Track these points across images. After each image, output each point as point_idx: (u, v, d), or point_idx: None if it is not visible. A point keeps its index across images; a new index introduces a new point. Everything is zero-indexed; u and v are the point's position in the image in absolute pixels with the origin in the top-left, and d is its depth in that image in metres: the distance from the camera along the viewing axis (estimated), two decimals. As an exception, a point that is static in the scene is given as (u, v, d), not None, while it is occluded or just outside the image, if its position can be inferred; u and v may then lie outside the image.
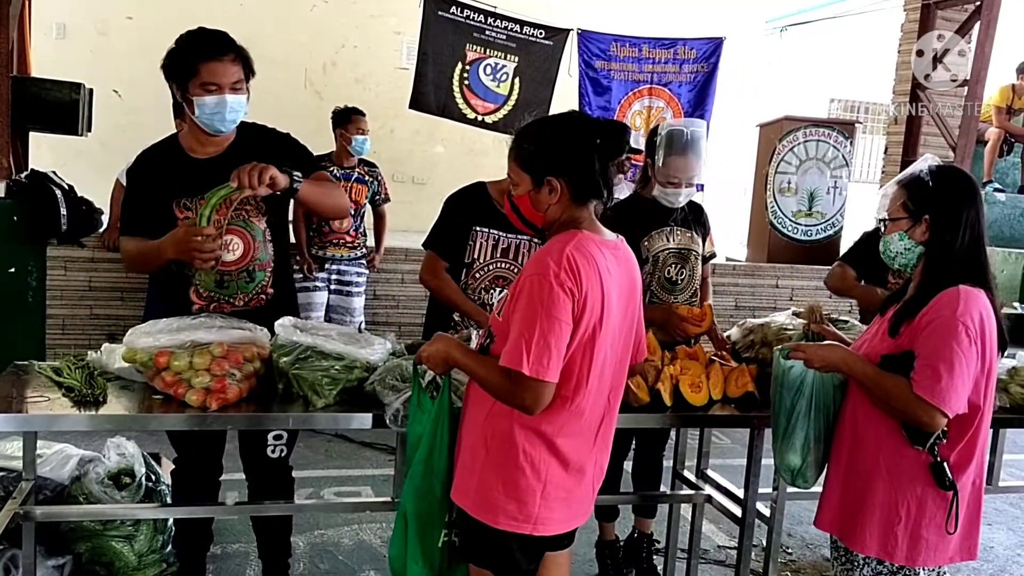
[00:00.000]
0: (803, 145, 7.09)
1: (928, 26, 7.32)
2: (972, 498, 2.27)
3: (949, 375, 2.08)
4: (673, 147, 3.27)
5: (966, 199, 2.23)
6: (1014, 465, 5.10)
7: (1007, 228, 8.94)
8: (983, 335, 2.13)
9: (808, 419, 2.39)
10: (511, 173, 2.15)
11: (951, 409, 2.09)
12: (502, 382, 1.99)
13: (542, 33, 6.73)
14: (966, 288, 2.16)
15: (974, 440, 2.23)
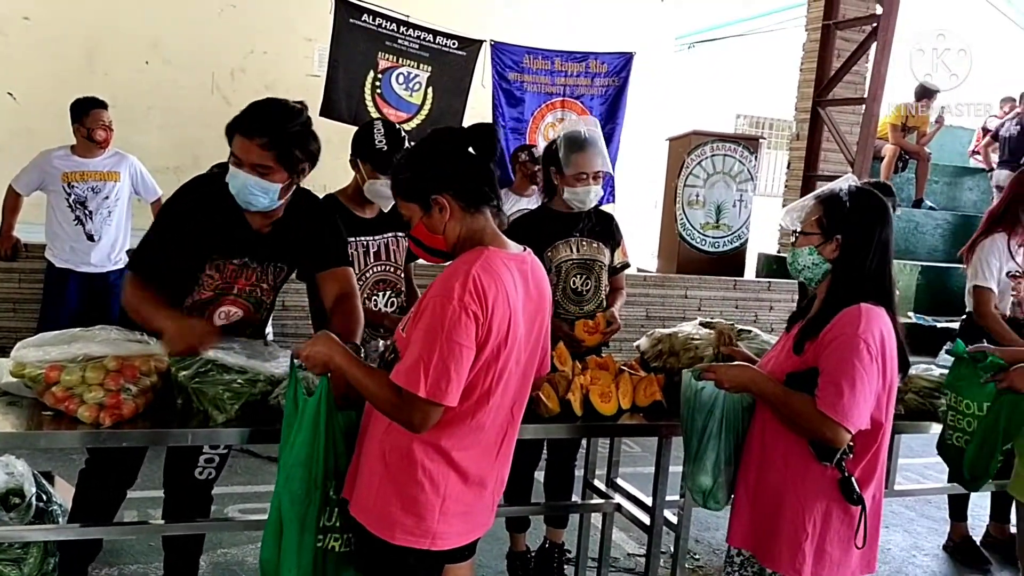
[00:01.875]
0: (710, 159, 7.28)
1: (828, 46, 7.62)
2: (872, 512, 2.30)
3: (851, 391, 2.11)
4: (573, 145, 3.33)
5: (880, 222, 2.26)
6: (909, 469, 5.31)
7: (902, 241, 9.33)
8: (884, 353, 2.16)
9: (719, 440, 2.41)
10: (401, 209, 2.12)
11: (853, 425, 2.12)
12: (391, 398, 1.95)
13: (455, 43, 6.73)
14: (868, 306, 2.18)
15: (877, 455, 2.26)
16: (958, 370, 2.91)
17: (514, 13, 9.30)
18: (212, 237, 2.61)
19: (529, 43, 7.08)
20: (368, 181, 3.15)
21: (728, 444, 2.41)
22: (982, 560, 4.16)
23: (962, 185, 10.42)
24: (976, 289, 3.94)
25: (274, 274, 2.77)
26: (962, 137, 10.25)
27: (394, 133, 3.19)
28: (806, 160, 7.77)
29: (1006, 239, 3.94)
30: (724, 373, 2.33)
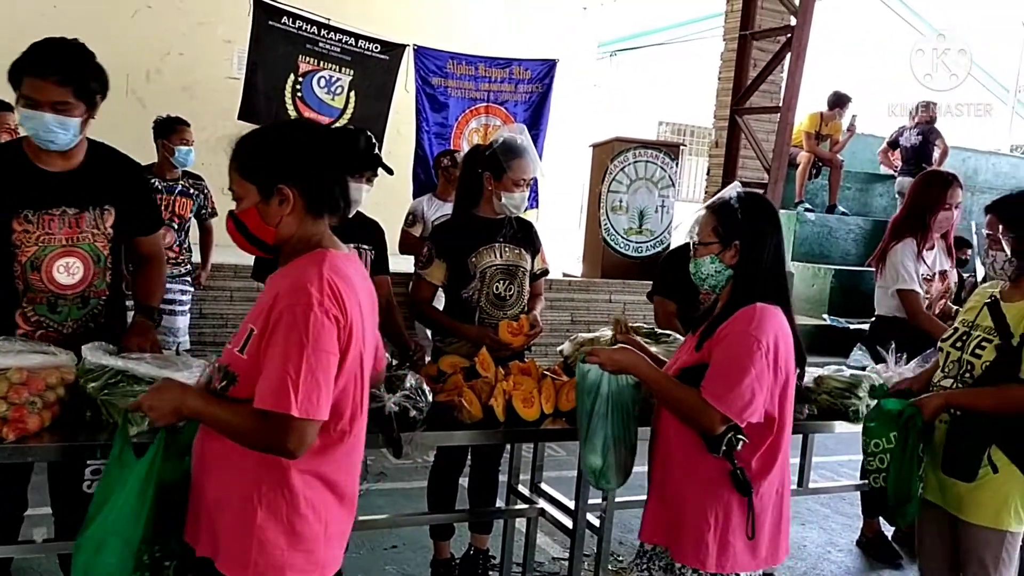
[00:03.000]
0: (633, 165, 7.38)
1: (745, 56, 7.81)
2: (776, 504, 2.34)
3: (737, 383, 2.17)
4: (513, 151, 3.36)
5: (771, 225, 2.36)
6: (824, 467, 5.47)
7: (816, 245, 9.63)
8: (776, 349, 2.22)
9: (606, 420, 2.48)
10: (233, 186, 1.93)
11: (735, 414, 2.17)
12: (257, 426, 1.76)
13: (378, 47, 6.68)
14: (763, 305, 2.26)
15: (775, 448, 2.31)
16: (869, 415, 2.98)
17: (436, 19, 9.28)
18: (14, 192, 2.57)
19: (452, 49, 7.06)
20: None
21: (617, 424, 2.49)
22: (894, 555, 4.30)
23: (873, 191, 10.81)
24: (902, 293, 4.03)
25: (100, 219, 2.68)
26: (873, 145, 10.62)
27: (367, 138, 3.16)
28: (725, 167, 7.94)
29: (915, 243, 4.08)
30: (606, 356, 2.40)
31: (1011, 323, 2.65)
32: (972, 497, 2.68)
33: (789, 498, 2.41)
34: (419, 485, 4.14)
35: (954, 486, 2.72)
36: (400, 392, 2.58)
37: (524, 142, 3.41)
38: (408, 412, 2.56)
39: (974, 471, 2.64)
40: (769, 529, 2.34)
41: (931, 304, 4.08)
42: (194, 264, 5.39)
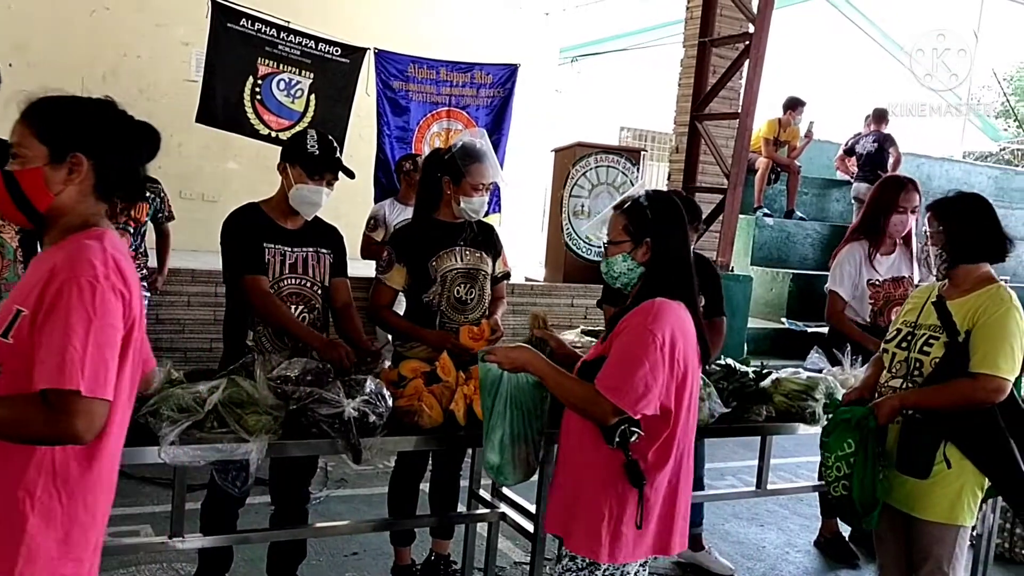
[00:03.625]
0: (594, 170, 7.41)
1: (704, 63, 7.88)
2: (668, 496, 2.38)
3: (630, 375, 2.20)
4: (473, 155, 3.37)
5: (678, 222, 2.43)
6: (783, 468, 5.54)
7: (774, 250, 9.75)
8: (673, 344, 2.26)
9: (504, 418, 2.54)
10: (19, 141, 1.76)
11: (627, 406, 2.20)
12: (37, 413, 1.58)
13: (338, 51, 6.63)
14: (662, 300, 2.31)
15: (670, 441, 2.34)
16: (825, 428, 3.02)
17: (397, 23, 9.26)
18: None
19: (414, 52, 7.04)
20: (295, 186, 3.09)
21: (516, 422, 2.55)
22: (851, 555, 4.36)
23: (830, 197, 10.97)
24: (829, 292, 4.20)
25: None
26: (830, 151, 10.79)
27: (327, 141, 3.18)
28: (685, 172, 7.99)
29: (865, 248, 4.15)
30: (503, 354, 2.44)
31: (957, 320, 2.74)
32: (926, 494, 2.74)
33: (687, 493, 2.45)
34: (380, 491, 4.11)
35: (905, 484, 2.77)
36: (359, 397, 2.56)
37: (484, 147, 3.42)
38: (367, 417, 2.55)
39: (928, 468, 2.71)
40: (659, 520, 2.37)
41: (880, 309, 4.14)
42: (150, 269, 5.31)
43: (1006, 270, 10.52)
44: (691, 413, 2.41)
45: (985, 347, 2.67)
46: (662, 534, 2.39)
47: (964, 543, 2.79)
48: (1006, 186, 13.36)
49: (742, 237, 9.04)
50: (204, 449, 2.39)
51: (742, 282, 7.54)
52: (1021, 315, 2.71)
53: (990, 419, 2.69)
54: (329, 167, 3.14)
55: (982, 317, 2.70)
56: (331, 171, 3.15)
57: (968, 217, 2.82)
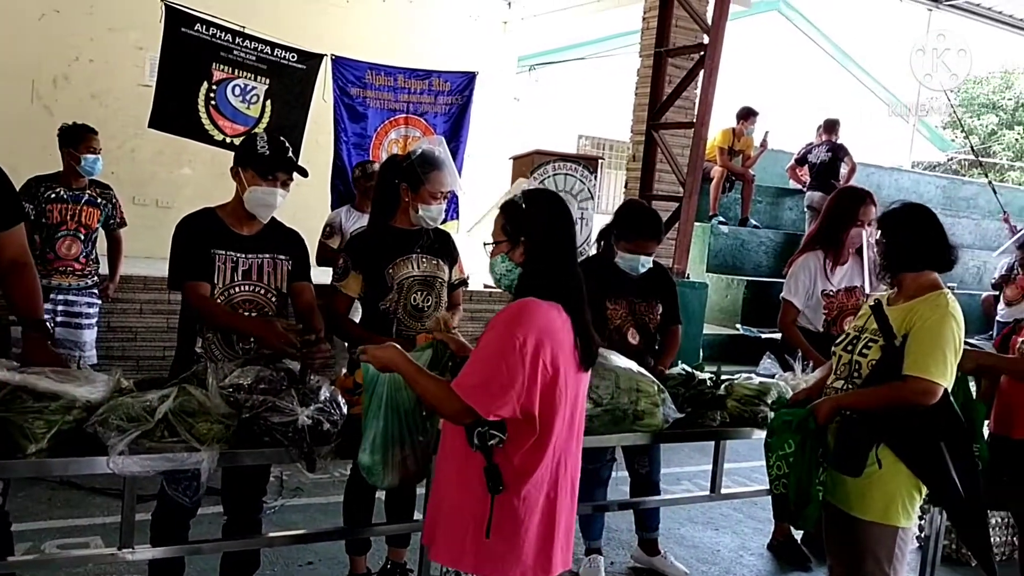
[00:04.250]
0: (553, 178, 7.45)
1: (660, 73, 7.97)
2: (546, 509, 2.27)
3: (486, 376, 2.13)
4: (432, 163, 3.37)
5: (558, 221, 2.33)
6: (737, 473, 5.61)
7: (729, 257, 9.88)
8: (538, 346, 2.15)
9: (378, 419, 2.51)
10: None
11: (480, 407, 2.12)
12: None
13: (295, 56, 6.59)
14: (530, 300, 2.22)
15: (540, 448, 2.23)
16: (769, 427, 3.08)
17: (354, 30, 9.22)
18: None
19: (371, 59, 7.02)
20: (249, 189, 3.06)
21: (391, 423, 2.51)
22: (803, 557, 4.43)
23: (783, 205, 11.15)
24: (782, 300, 4.26)
25: None
26: (783, 160, 10.96)
27: (278, 142, 3.14)
28: (642, 180, 8.06)
29: (821, 258, 4.22)
30: (372, 354, 2.37)
31: (894, 325, 2.82)
32: (861, 493, 2.82)
33: (569, 506, 2.35)
34: (335, 499, 4.08)
35: (845, 484, 2.85)
36: (314, 405, 2.55)
37: (442, 154, 3.42)
38: (322, 425, 2.54)
39: (860, 467, 2.78)
40: (537, 535, 2.26)
41: (833, 319, 4.21)
42: (101, 276, 5.23)
43: (953, 277, 10.75)
44: (570, 421, 2.31)
45: (917, 351, 2.74)
46: (542, 552, 2.26)
47: (906, 544, 2.86)
48: (953, 195, 13.70)
49: (698, 244, 9.14)
50: (154, 459, 2.36)
51: (698, 289, 7.63)
52: (957, 323, 2.78)
53: (922, 423, 2.76)
54: (281, 166, 3.09)
55: (918, 322, 2.78)
56: (283, 170, 3.10)
57: (911, 227, 2.90)
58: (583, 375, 2.35)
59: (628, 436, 3.24)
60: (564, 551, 2.33)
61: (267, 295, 3.14)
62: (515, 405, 2.14)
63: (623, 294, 3.82)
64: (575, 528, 2.49)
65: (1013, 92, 26.14)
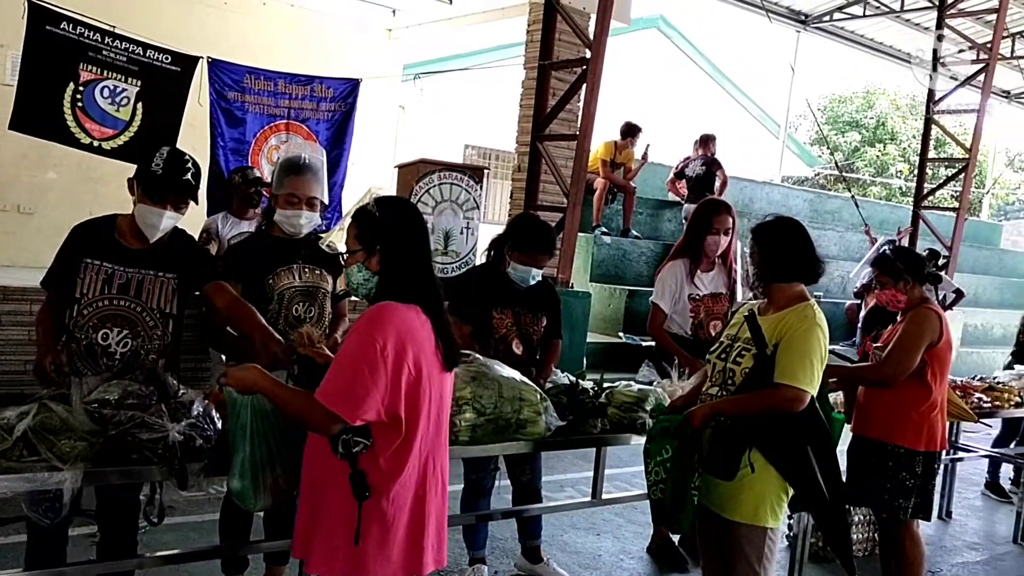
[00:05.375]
0: (438, 187, 7.43)
1: (545, 85, 8.09)
2: (414, 508, 2.29)
3: (348, 381, 2.14)
4: (289, 168, 3.33)
5: (411, 227, 2.37)
6: (618, 478, 5.72)
7: (612, 267, 10.09)
8: (400, 348, 2.18)
9: (245, 443, 2.46)
10: None
11: (346, 413, 2.13)
12: None
13: (168, 58, 6.36)
14: (388, 303, 2.26)
15: (406, 449, 2.25)
16: (648, 434, 3.18)
17: (232, 33, 8.98)
18: None
19: (251, 64, 6.85)
20: (138, 204, 2.91)
21: (258, 447, 2.47)
22: (681, 560, 4.55)
23: (663, 216, 11.48)
24: (651, 304, 4.48)
25: None
26: (663, 173, 11.28)
27: (177, 161, 2.91)
28: (527, 191, 8.15)
29: (687, 266, 4.44)
30: (232, 376, 2.33)
31: (766, 334, 2.95)
32: (733, 496, 2.93)
33: (439, 505, 2.38)
34: (211, 518, 3.94)
35: (718, 487, 2.95)
36: (185, 420, 2.46)
37: (308, 160, 3.35)
38: (194, 441, 2.45)
39: (733, 471, 2.89)
40: (406, 536, 2.28)
41: (700, 322, 4.42)
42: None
43: (819, 286, 11.32)
44: (437, 420, 2.34)
45: (787, 360, 2.88)
46: (412, 551, 2.30)
47: (775, 544, 2.99)
48: (820, 208, 14.43)
49: (581, 254, 9.30)
50: (12, 479, 2.24)
51: (581, 298, 7.76)
52: (823, 332, 2.95)
53: (790, 428, 2.90)
54: (172, 189, 2.89)
55: (788, 333, 2.92)
56: (174, 193, 2.91)
57: (782, 239, 3.05)
58: (447, 375, 2.38)
59: (511, 445, 3.27)
60: (436, 550, 2.34)
61: (143, 313, 2.98)
62: (380, 408, 2.16)
63: (509, 304, 3.85)
64: (449, 536, 2.49)
65: (874, 111, 27.85)
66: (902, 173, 26.07)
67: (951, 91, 11.57)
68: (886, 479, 3.83)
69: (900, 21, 14.14)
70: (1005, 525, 5.82)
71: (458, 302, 3.95)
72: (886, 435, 3.84)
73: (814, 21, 14.42)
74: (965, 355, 10.84)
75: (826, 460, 2.94)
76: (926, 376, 3.81)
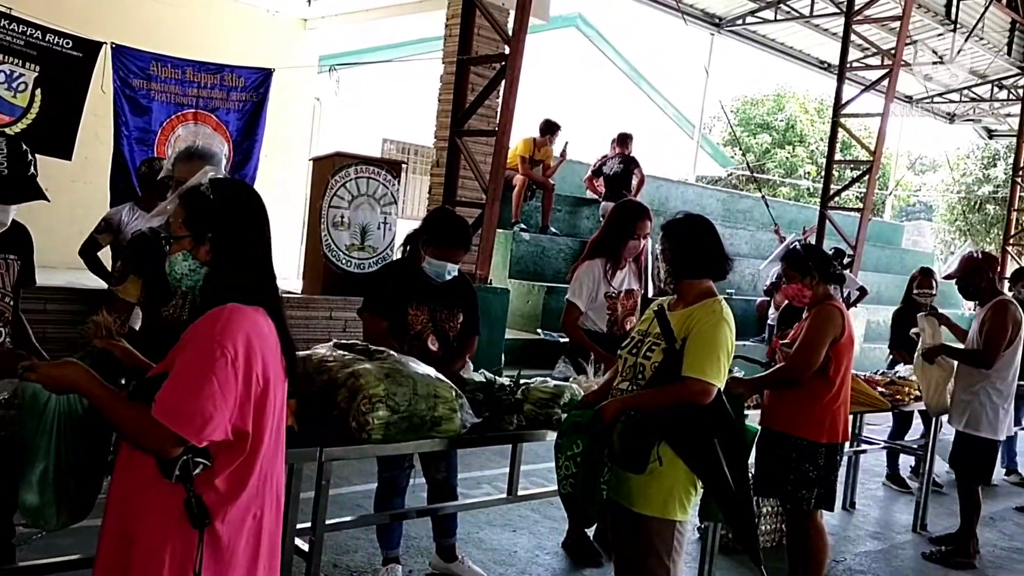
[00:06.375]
0: (355, 181, 7.31)
1: (463, 80, 8.04)
2: (253, 530, 2.04)
3: (194, 396, 1.86)
4: (180, 155, 3.22)
5: (252, 215, 2.11)
6: (535, 474, 5.73)
7: (531, 264, 10.13)
8: (249, 357, 1.94)
9: (50, 451, 2.12)
10: None
11: (191, 434, 1.86)
12: None
13: (69, 43, 6.08)
14: (234, 306, 1.98)
15: (248, 468, 2.00)
16: (559, 429, 3.18)
17: (138, 18, 8.66)
18: None
19: (156, 51, 6.61)
20: None
21: (64, 455, 2.13)
22: (595, 554, 4.59)
23: (581, 214, 11.58)
24: (566, 302, 4.47)
25: None
26: (581, 171, 11.38)
27: (17, 158, 2.76)
28: (446, 186, 8.09)
29: (603, 264, 4.47)
30: (45, 373, 1.98)
31: (674, 329, 3.00)
32: (643, 490, 2.96)
33: (274, 524, 2.13)
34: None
35: (628, 481, 2.98)
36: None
37: (202, 148, 3.25)
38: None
39: (644, 464, 2.92)
40: (245, 560, 2.03)
41: (618, 319, 4.47)
42: None
43: (731, 284, 11.62)
44: (277, 433, 2.09)
45: (694, 354, 2.93)
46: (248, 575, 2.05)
47: (683, 537, 3.03)
48: (732, 208, 14.78)
49: (500, 251, 9.30)
50: None
51: (500, 295, 7.75)
52: (730, 327, 3.01)
53: (698, 421, 2.94)
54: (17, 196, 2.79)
55: (695, 327, 2.97)
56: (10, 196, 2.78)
57: (691, 236, 3.09)
58: (284, 383, 2.15)
59: (426, 443, 3.22)
60: (268, 572, 2.11)
61: (3, 299, 2.93)
62: (228, 426, 1.91)
63: (425, 300, 3.81)
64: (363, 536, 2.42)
65: (785, 114, 28.69)
66: (810, 174, 26.93)
67: (857, 95, 11.98)
68: (789, 470, 3.94)
69: (810, 26, 14.58)
70: (906, 514, 6.05)
71: (373, 298, 3.89)
72: (790, 428, 3.95)
73: (728, 24, 14.75)
74: (868, 351, 11.25)
75: (733, 452, 2.99)
76: (829, 371, 3.93)
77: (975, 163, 25.63)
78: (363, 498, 4.77)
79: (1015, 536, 5.91)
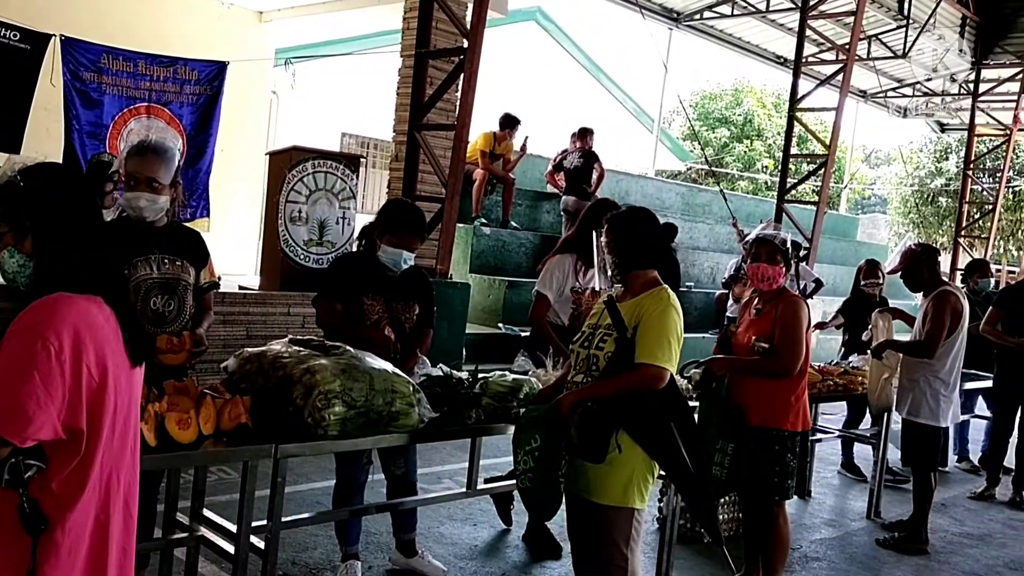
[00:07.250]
0: (312, 176, 7.24)
1: (422, 74, 8.00)
2: (96, 534, 1.90)
3: (13, 394, 1.73)
4: (131, 148, 3.18)
5: (64, 194, 1.95)
6: (495, 468, 5.71)
7: (492, 258, 10.13)
8: (77, 349, 1.80)
9: None
10: None
11: (13, 435, 1.72)
12: None
13: (16, 35, 5.95)
14: (59, 295, 1.85)
15: (86, 469, 1.86)
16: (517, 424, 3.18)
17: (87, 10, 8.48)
18: None
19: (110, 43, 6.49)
20: None
21: None
22: (555, 546, 4.60)
23: (541, 208, 11.60)
24: (535, 294, 4.48)
25: None
26: (541, 165, 11.41)
27: None
28: (405, 180, 8.06)
29: (574, 260, 4.48)
30: None
31: (625, 318, 3.03)
32: (602, 480, 2.98)
33: (124, 528, 1.99)
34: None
35: (586, 472, 2.99)
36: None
37: (155, 141, 3.22)
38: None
39: (603, 454, 2.94)
40: (85, 569, 1.89)
41: (581, 315, 4.46)
42: None
43: (690, 277, 11.74)
44: (123, 429, 1.95)
45: (645, 341, 2.97)
46: None
47: (641, 525, 3.05)
48: (691, 201, 14.91)
49: (460, 246, 9.29)
50: None
51: (460, 289, 7.75)
52: (678, 313, 3.06)
53: (653, 406, 2.97)
54: None
55: (645, 315, 3.01)
56: None
57: (634, 228, 3.12)
58: (136, 372, 2.00)
59: (384, 438, 3.21)
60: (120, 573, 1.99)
61: None
62: (57, 424, 1.77)
63: (381, 291, 3.79)
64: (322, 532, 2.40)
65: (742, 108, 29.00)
66: (768, 168, 27.27)
67: (812, 90, 12.14)
68: (775, 463, 3.95)
69: (766, 21, 14.76)
70: (860, 502, 6.16)
71: (327, 286, 3.86)
72: (770, 421, 3.96)
73: (686, 19, 14.87)
74: (824, 341, 11.44)
75: (689, 435, 3.02)
76: None
77: (928, 156, 26.14)
78: (322, 495, 4.74)
79: (966, 521, 6.04)
